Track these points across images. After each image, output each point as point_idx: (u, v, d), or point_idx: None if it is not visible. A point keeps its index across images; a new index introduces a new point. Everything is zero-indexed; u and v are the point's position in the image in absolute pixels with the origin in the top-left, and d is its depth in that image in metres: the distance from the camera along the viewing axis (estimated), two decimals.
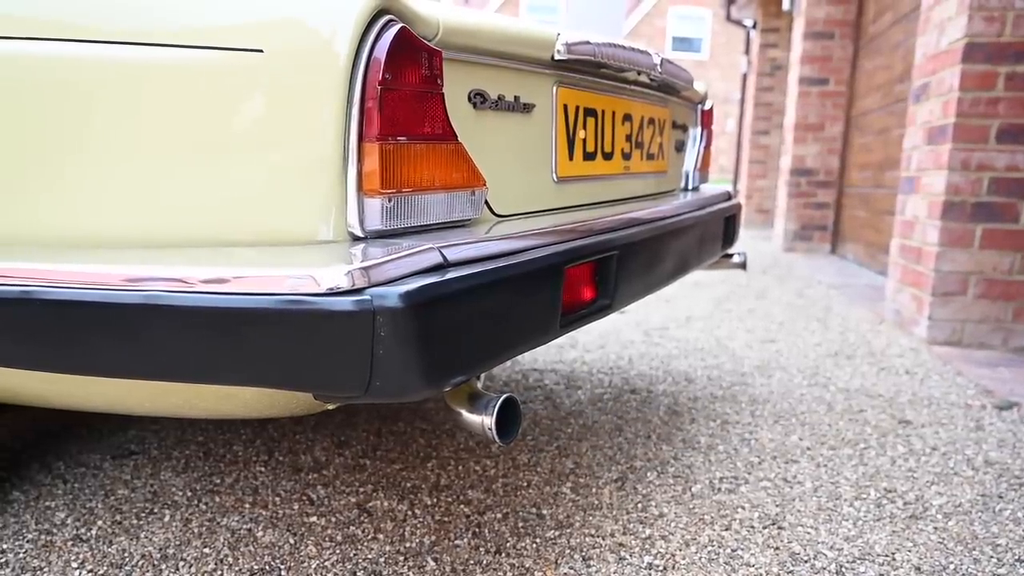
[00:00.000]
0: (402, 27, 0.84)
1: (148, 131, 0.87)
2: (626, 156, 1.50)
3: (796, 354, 2.62)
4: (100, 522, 1.33)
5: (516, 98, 1.12)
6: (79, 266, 0.83)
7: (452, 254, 0.84)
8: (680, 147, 1.91)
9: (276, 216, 0.85)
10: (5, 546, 1.25)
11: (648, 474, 1.57)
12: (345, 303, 0.73)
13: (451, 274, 0.80)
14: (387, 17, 0.85)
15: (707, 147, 2.02)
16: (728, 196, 1.99)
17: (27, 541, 1.27)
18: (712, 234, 1.71)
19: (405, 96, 0.85)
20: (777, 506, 1.44)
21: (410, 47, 0.85)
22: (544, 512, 1.39)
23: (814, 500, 1.47)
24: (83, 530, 1.31)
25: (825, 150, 5.90)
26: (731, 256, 1.99)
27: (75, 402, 1.04)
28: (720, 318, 3.23)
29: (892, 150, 4.62)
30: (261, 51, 0.83)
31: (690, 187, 1.97)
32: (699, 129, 1.98)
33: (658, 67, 1.44)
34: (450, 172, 0.93)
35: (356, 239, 0.85)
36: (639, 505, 1.43)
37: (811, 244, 6.01)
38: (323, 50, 0.82)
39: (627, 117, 1.49)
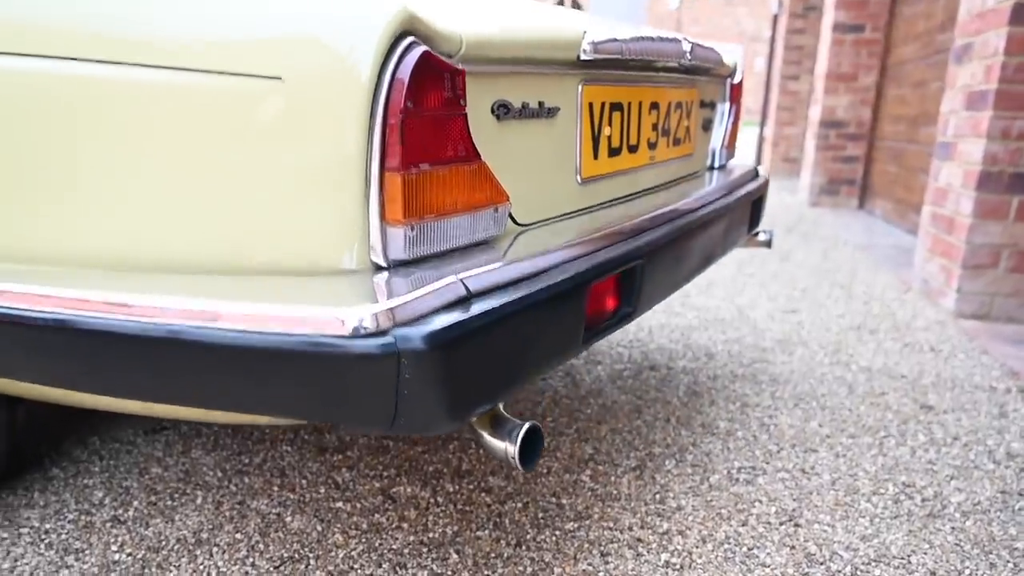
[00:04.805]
0: (424, 51, 0.82)
1: (169, 155, 0.86)
2: (652, 146, 1.47)
3: (818, 327, 2.60)
4: (136, 503, 1.39)
5: (540, 103, 1.09)
6: (108, 294, 0.84)
7: (474, 284, 0.83)
8: (707, 125, 1.86)
9: (298, 244, 0.85)
10: (48, 526, 1.31)
11: (666, 462, 1.59)
12: (370, 346, 0.73)
13: (474, 308, 0.80)
14: (409, 39, 0.82)
15: (735, 122, 1.96)
16: (755, 174, 1.95)
17: (68, 521, 1.33)
18: (738, 221, 1.68)
19: (427, 122, 0.84)
20: (794, 500, 1.45)
21: (433, 70, 0.83)
22: (563, 502, 1.42)
23: (831, 494, 1.48)
24: (120, 511, 1.36)
25: (857, 101, 5.70)
26: (757, 235, 1.96)
27: (94, 404, 1.07)
28: (742, 283, 3.21)
29: (929, 104, 4.45)
30: (280, 79, 0.81)
31: (716, 165, 1.93)
32: (727, 104, 1.92)
33: (688, 54, 1.39)
34: (473, 192, 0.92)
35: (379, 268, 0.85)
36: (657, 496, 1.45)
37: (838, 199, 5.88)
38: (344, 77, 0.80)
39: (654, 105, 1.44)
